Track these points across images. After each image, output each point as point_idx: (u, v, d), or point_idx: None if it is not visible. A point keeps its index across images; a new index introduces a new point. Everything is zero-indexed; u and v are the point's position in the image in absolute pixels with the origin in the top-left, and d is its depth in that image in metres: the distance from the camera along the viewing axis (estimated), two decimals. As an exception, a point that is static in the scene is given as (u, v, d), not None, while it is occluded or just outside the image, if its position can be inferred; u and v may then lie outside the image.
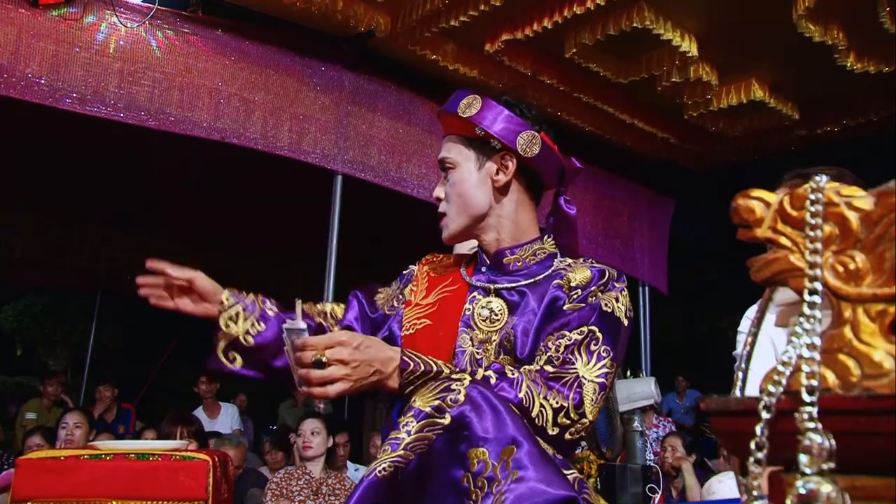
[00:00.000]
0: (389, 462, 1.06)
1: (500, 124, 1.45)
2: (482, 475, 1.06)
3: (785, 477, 0.51)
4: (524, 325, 1.38)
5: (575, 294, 1.38)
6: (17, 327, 11.49)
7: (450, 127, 1.53)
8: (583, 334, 1.31)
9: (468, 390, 1.13)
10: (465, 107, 1.46)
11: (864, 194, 0.54)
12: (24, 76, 3.51)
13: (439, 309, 1.48)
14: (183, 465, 1.66)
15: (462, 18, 4.08)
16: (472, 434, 1.09)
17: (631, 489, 3.15)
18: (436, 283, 1.54)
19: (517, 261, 1.47)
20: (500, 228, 1.49)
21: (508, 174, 1.46)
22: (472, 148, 1.48)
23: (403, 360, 1.25)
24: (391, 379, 1.26)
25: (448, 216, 1.50)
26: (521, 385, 1.23)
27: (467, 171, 1.48)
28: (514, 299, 1.42)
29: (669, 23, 4.22)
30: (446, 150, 1.52)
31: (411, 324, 1.48)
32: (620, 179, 6.24)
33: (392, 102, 4.80)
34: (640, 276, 6.27)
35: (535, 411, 1.21)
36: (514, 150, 1.45)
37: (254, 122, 4.20)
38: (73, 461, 1.65)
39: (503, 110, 1.46)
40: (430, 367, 1.26)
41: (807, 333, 0.52)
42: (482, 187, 1.47)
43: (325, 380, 1.21)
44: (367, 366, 1.24)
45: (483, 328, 1.41)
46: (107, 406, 6.04)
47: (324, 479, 3.70)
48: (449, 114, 1.50)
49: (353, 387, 1.23)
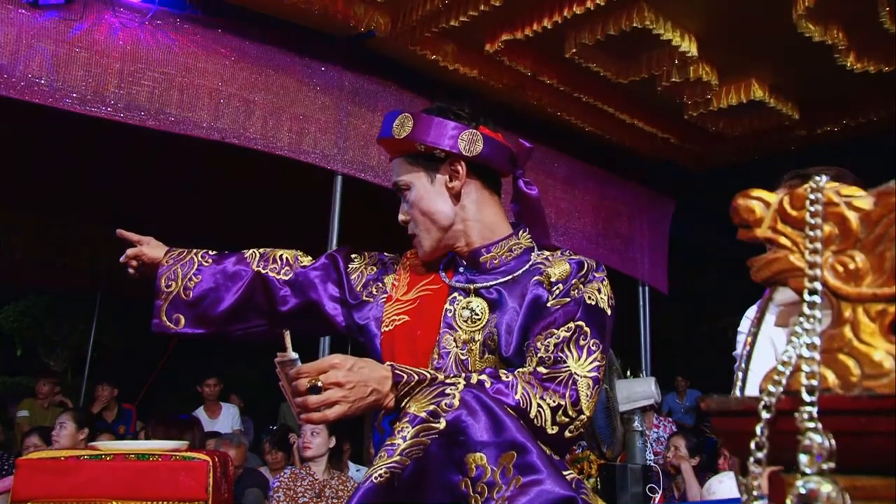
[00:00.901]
0: (385, 468, 1.05)
1: (437, 134, 1.45)
2: (481, 480, 1.06)
3: (785, 477, 0.51)
4: (507, 323, 1.38)
5: (557, 289, 1.38)
6: (18, 327, 11.49)
7: (392, 151, 1.54)
8: (570, 330, 1.32)
9: (463, 394, 1.12)
10: (399, 128, 1.47)
11: (863, 194, 0.54)
12: (24, 76, 3.51)
13: (419, 307, 1.49)
14: (183, 465, 1.66)
15: (462, 18, 4.08)
16: (469, 439, 1.08)
17: (631, 489, 3.15)
18: (416, 279, 1.55)
19: (493, 258, 1.47)
20: (468, 232, 1.49)
21: (461, 178, 1.47)
22: (418, 165, 1.49)
23: (396, 374, 1.25)
24: (388, 398, 1.25)
25: (419, 236, 1.51)
26: (517, 387, 1.23)
27: (422, 188, 1.49)
28: (494, 297, 1.43)
29: (669, 23, 4.22)
30: (396, 173, 1.53)
31: (391, 320, 1.49)
32: (620, 179, 6.23)
33: (392, 102, 4.80)
34: (640, 276, 6.27)
35: (534, 412, 1.22)
36: (458, 154, 1.45)
37: (253, 122, 4.20)
38: (74, 461, 1.65)
39: (434, 119, 1.46)
40: (423, 376, 1.26)
41: (807, 333, 0.52)
42: (440, 198, 1.48)
43: (323, 404, 1.20)
44: (363, 386, 1.23)
45: (465, 328, 1.41)
46: (106, 405, 6.04)
47: (327, 481, 3.67)
48: (387, 139, 1.51)
49: (350, 408, 1.22)
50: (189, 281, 1.54)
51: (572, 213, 5.65)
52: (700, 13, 4.24)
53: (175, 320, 1.55)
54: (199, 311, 1.55)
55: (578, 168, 5.71)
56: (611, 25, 4.13)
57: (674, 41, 4.27)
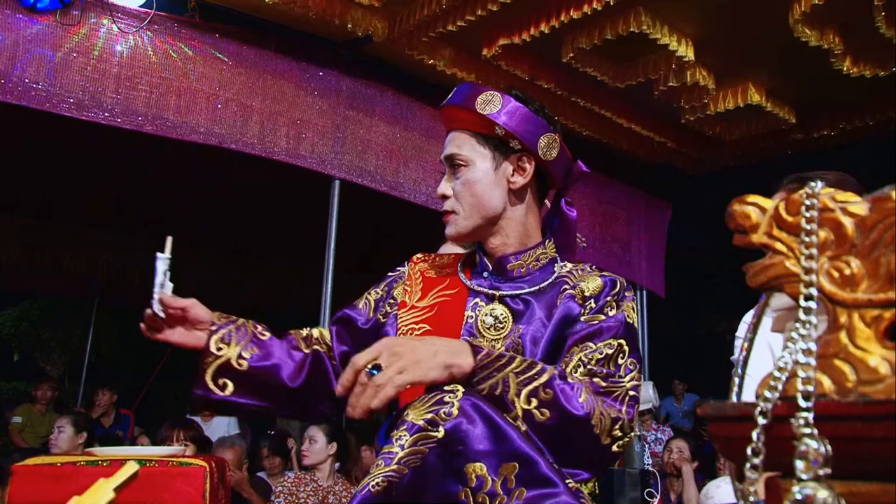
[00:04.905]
0: (383, 477, 1.03)
1: (522, 124, 1.37)
2: (482, 491, 1.03)
3: (781, 482, 0.51)
4: (532, 335, 1.34)
5: (590, 305, 1.35)
6: (15, 332, 11.45)
7: (459, 122, 1.43)
8: (613, 348, 1.28)
9: (461, 402, 1.09)
10: (484, 103, 1.37)
11: (859, 200, 0.54)
12: (21, 82, 3.51)
13: (438, 314, 1.42)
14: (180, 472, 1.65)
15: (459, 23, 4.09)
16: (468, 448, 1.05)
17: (629, 493, 3.14)
18: (432, 284, 1.47)
19: (520, 266, 1.42)
20: (509, 232, 1.43)
21: (526, 177, 1.41)
22: (488, 146, 1.40)
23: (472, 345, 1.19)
24: (459, 357, 1.16)
25: (458, 214, 1.42)
26: (582, 391, 1.19)
27: (482, 170, 1.40)
28: (519, 308, 1.38)
29: (666, 27, 4.23)
30: (456, 146, 1.42)
31: (409, 328, 1.41)
32: (618, 183, 6.25)
33: (389, 107, 4.81)
34: (637, 280, 6.27)
35: (595, 419, 1.18)
36: (533, 153, 1.39)
37: (251, 126, 4.20)
38: (70, 468, 1.64)
39: (521, 108, 1.38)
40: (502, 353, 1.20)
41: (803, 339, 0.52)
42: (497, 189, 1.40)
43: (391, 379, 1.10)
44: (427, 346, 1.15)
45: (487, 336, 1.36)
46: (104, 411, 6.03)
47: (331, 487, 3.64)
48: (462, 108, 1.40)
49: (419, 372, 1.12)
50: (245, 350, 1.40)
51: (570, 217, 5.65)
52: (697, 18, 4.26)
53: (221, 385, 1.40)
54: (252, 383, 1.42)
55: (576, 172, 5.70)
56: (608, 30, 4.14)
57: (671, 45, 4.28)
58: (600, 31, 4.18)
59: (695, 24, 4.32)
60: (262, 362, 1.41)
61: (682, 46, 4.33)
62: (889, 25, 4.01)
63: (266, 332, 1.47)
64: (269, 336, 1.46)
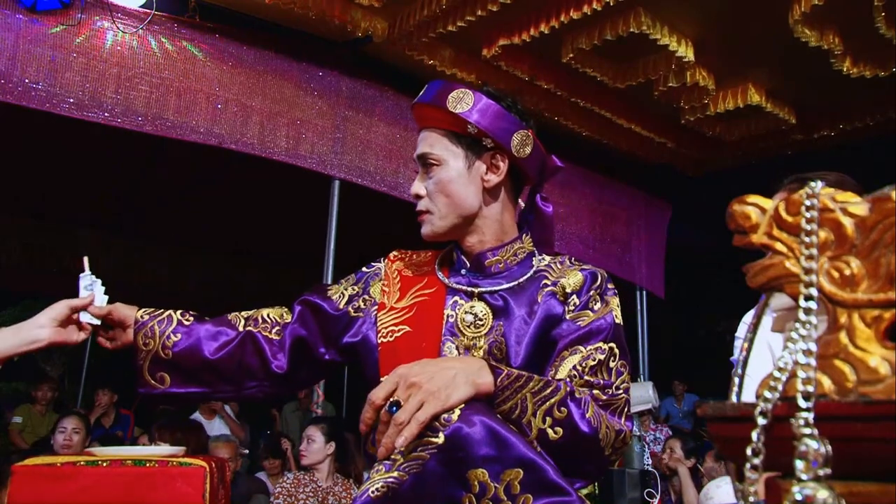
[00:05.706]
0: (383, 482, 1.02)
1: (495, 122, 1.36)
2: (485, 497, 1.02)
3: (781, 483, 0.51)
4: (515, 333, 1.33)
5: (573, 301, 1.34)
6: (14, 333, 11.44)
7: (431, 120, 1.41)
8: (604, 352, 1.28)
9: (461, 408, 1.08)
10: (456, 101, 1.35)
11: (859, 200, 0.54)
12: (21, 82, 3.51)
13: (417, 314, 1.40)
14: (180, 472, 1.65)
15: (459, 23, 4.08)
16: (469, 454, 1.03)
17: (629, 494, 3.14)
18: (409, 284, 1.45)
19: (498, 262, 1.41)
20: (485, 230, 1.42)
21: (500, 175, 1.40)
22: (460, 145, 1.38)
23: (490, 364, 1.17)
24: (480, 376, 1.13)
25: (433, 213, 1.41)
26: (589, 407, 1.19)
27: (455, 169, 1.38)
28: (499, 304, 1.37)
29: (666, 28, 4.23)
30: (428, 145, 1.40)
31: (389, 330, 1.39)
32: (617, 184, 6.25)
33: (389, 107, 4.81)
34: (637, 280, 6.27)
35: (602, 432, 1.19)
36: (507, 150, 1.37)
37: (251, 127, 4.20)
38: (70, 468, 1.64)
39: (493, 105, 1.36)
40: (520, 374, 1.18)
41: (803, 339, 0.52)
42: (471, 187, 1.39)
43: (412, 415, 1.06)
44: (444, 371, 1.11)
45: (468, 334, 1.35)
46: (104, 411, 6.04)
47: (330, 488, 3.62)
48: (433, 106, 1.39)
49: (441, 401, 1.07)
50: (167, 339, 1.43)
51: (569, 218, 5.66)
52: (697, 18, 4.26)
53: (160, 379, 1.44)
54: (182, 370, 1.45)
55: (575, 172, 5.72)
56: (608, 30, 4.14)
57: (671, 46, 4.28)
58: (600, 31, 4.18)
59: (695, 25, 4.32)
60: (183, 346, 1.44)
61: (682, 47, 4.33)
62: (889, 26, 4.01)
63: (191, 318, 1.49)
64: (192, 321, 1.48)
